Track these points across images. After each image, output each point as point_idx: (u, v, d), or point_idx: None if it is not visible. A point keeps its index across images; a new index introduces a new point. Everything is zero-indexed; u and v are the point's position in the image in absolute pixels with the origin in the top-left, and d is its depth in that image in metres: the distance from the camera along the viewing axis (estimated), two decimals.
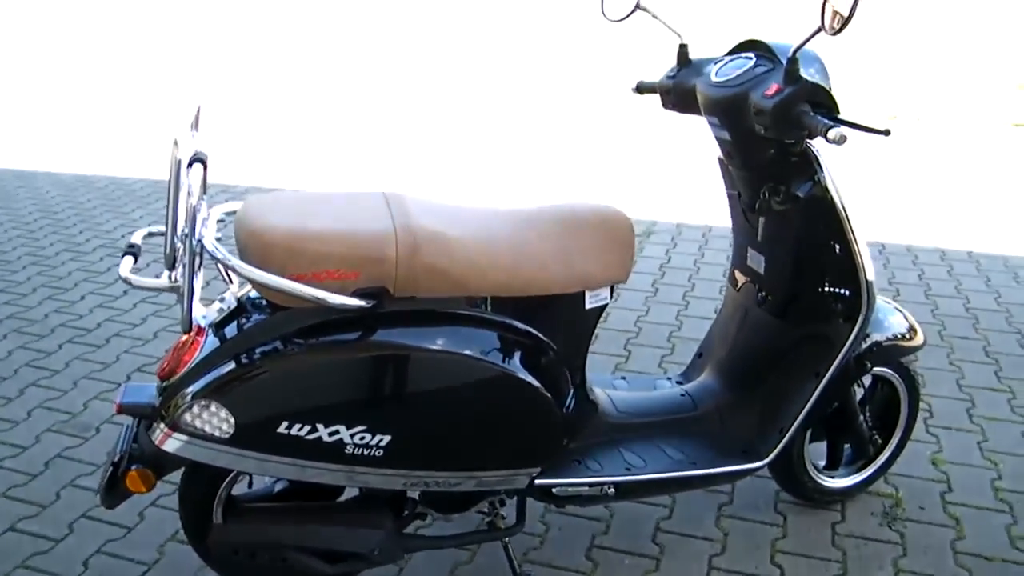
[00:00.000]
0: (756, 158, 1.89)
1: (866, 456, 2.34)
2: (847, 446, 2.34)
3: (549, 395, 1.73)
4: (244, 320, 1.67)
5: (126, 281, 1.55)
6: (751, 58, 1.87)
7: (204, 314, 1.74)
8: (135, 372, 3.14)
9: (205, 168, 1.56)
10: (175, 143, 1.43)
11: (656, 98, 2.16)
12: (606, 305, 1.84)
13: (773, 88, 1.71)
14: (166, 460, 1.70)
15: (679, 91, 2.04)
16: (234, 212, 1.75)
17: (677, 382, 2.30)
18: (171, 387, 1.66)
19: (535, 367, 1.73)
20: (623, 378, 2.29)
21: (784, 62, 1.74)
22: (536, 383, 1.71)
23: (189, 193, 1.47)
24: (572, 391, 1.88)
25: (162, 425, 1.65)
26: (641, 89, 2.20)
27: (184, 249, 1.50)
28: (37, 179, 5.80)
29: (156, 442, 1.66)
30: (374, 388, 1.63)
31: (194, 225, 1.49)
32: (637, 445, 2.01)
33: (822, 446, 2.33)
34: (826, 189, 1.84)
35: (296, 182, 5.65)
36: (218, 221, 1.72)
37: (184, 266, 1.51)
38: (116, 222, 4.87)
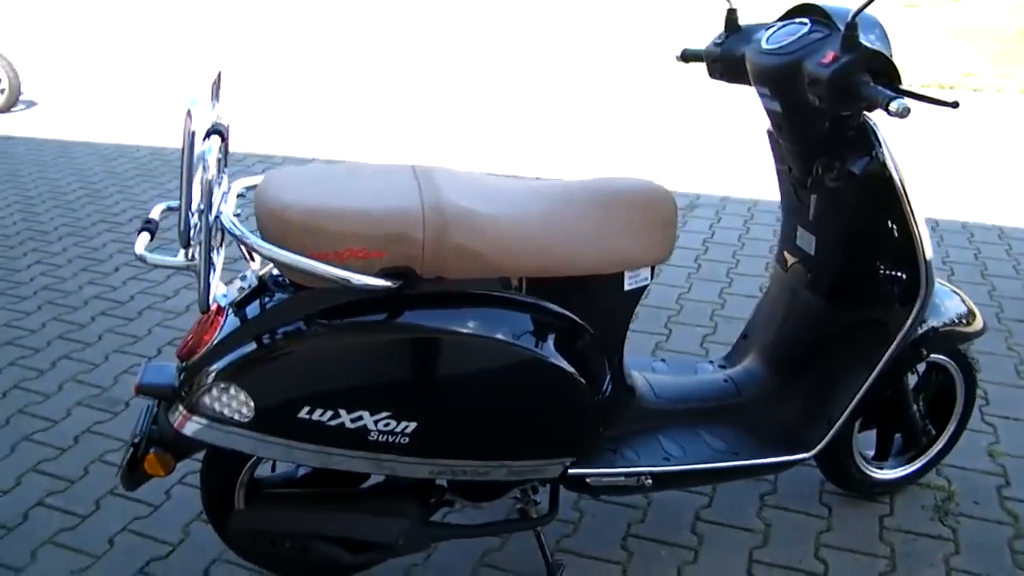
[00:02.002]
0: (809, 131, 1.77)
1: (918, 447, 2.22)
2: (898, 436, 2.22)
3: (584, 381, 1.64)
4: (266, 299, 1.60)
5: (140, 259, 1.49)
6: (805, 23, 1.74)
7: (225, 292, 1.67)
8: (166, 346, 3.11)
9: (224, 140, 1.49)
10: (188, 114, 1.35)
11: (702, 67, 2.04)
12: (646, 286, 1.74)
13: (829, 56, 1.58)
14: (185, 443, 1.64)
15: (727, 59, 1.92)
16: (254, 186, 1.67)
17: (720, 366, 2.19)
18: (190, 368, 1.60)
19: (570, 352, 1.64)
20: (663, 360, 2.19)
21: (841, 28, 1.62)
22: (570, 368, 1.62)
23: (205, 167, 1.39)
24: (609, 376, 1.79)
25: (181, 407, 1.60)
26: (686, 57, 2.07)
27: (201, 226, 1.42)
28: (77, 149, 5.80)
29: (175, 425, 1.60)
30: (399, 373, 1.55)
31: (210, 200, 1.42)
32: (676, 433, 1.91)
33: (871, 435, 2.21)
34: (884, 165, 1.71)
35: (330, 150, 5.59)
36: (238, 196, 1.64)
37: (200, 244, 1.43)
38: (153, 192, 4.85)
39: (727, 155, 5.28)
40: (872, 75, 1.56)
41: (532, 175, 5.02)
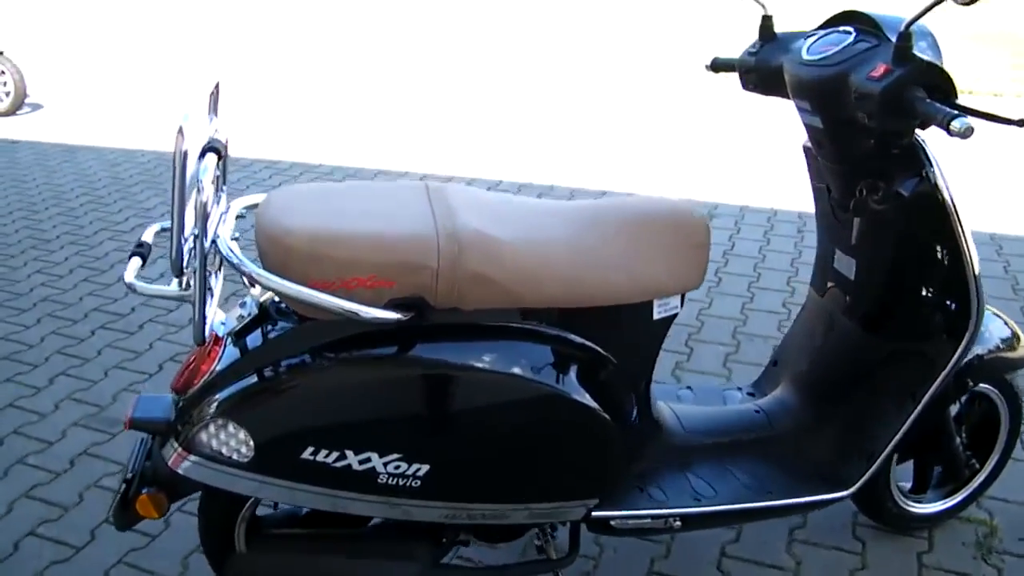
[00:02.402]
0: (852, 149, 1.64)
1: (959, 479, 2.09)
2: (937, 467, 2.10)
3: (609, 417, 1.52)
4: (267, 329, 1.48)
5: (130, 288, 1.37)
6: (850, 32, 1.61)
7: (223, 319, 1.56)
8: (167, 361, 3.00)
9: (221, 158, 1.37)
10: (180, 131, 1.23)
11: (715, 74, 1.92)
12: (676, 315, 1.62)
13: (880, 69, 1.46)
14: (181, 483, 1.52)
15: (762, 70, 1.80)
16: (255, 206, 1.56)
17: (748, 393, 2.07)
18: (186, 402, 1.49)
19: (594, 386, 1.52)
20: (688, 388, 2.07)
21: (892, 38, 1.49)
22: (595, 404, 1.50)
23: (200, 189, 1.28)
24: (635, 410, 1.67)
25: (176, 444, 1.48)
26: (717, 67, 1.95)
27: (196, 252, 1.31)
28: (81, 154, 5.71)
29: (169, 462, 1.49)
30: (410, 411, 1.43)
31: (206, 225, 1.30)
32: (706, 470, 1.79)
33: (907, 465, 2.08)
34: (936, 186, 1.58)
35: (336, 155, 5.48)
36: (237, 217, 1.53)
37: (196, 272, 1.32)
38: (156, 199, 4.75)
39: (744, 163, 5.15)
40: (926, 90, 1.44)
41: (546, 184, 4.90)
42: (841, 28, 1.65)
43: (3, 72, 6.76)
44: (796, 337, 2.04)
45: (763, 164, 5.09)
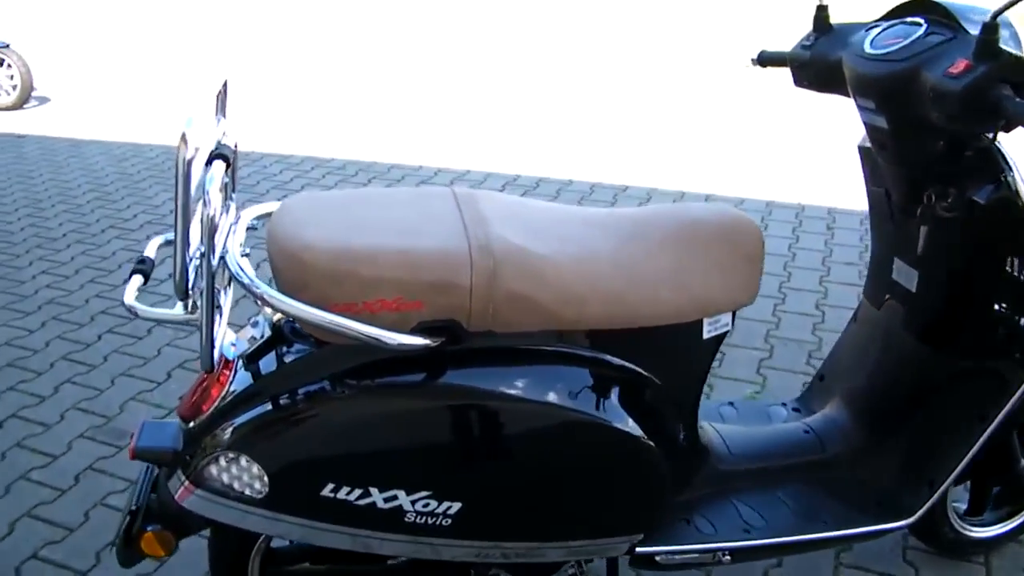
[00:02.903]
0: (920, 152, 1.50)
1: (1020, 500, 1.95)
2: (996, 488, 1.95)
3: (655, 445, 1.39)
4: (283, 352, 1.35)
5: (131, 311, 1.24)
6: (920, 24, 1.47)
7: (234, 340, 1.43)
8: (176, 369, 2.88)
9: (229, 166, 1.24)
10: (183, 139, 1.10)
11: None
12: (727, 333, 1.48)
13: (960, 65, 1.31)
14: (189, 518, 1.40)
15: (818, 65, 1.65)
16: (268, 216, 1.43)
17: (794, 409, 1.93)
18: (194, 431, 1.36)
19: (638, 412, 1.38)
20: (731, 404, 1.93)
21: (970, 30, 1.35)
22: (639, 432, 1.37)
23: (206, 200, 1.15)
24: (682, 436, 1.53)
25: (183, 477, 1.36)
26: (764, 61, 1.80)
27: (202, 271, 1.18)
28: (88, 148, 5.60)
29: (176, 496, 1.36)
30: (440, 445, 1.30)
31: (213, 240, 1.17)
32: (754, 498, 1.66)
33: (964, 486, 1.95)
34: (1017, 193, 1.44)
35: (349, 150, 5.34)
36: (248, 228, 1.40)
37: (202, 294, 1.19)
38: (165, 195, 4.63)
39: (770, 157, 5.00)
40: (1014, 88, 1.29)
41: (563, 178, 4.75)
42: (909, 19, 1.50)
43: (10, 66, 6.65)
44: (847, 351, 1.90)
45: (790, 158, 4.94)
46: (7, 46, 6.61)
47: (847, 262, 3.58)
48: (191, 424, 1.38)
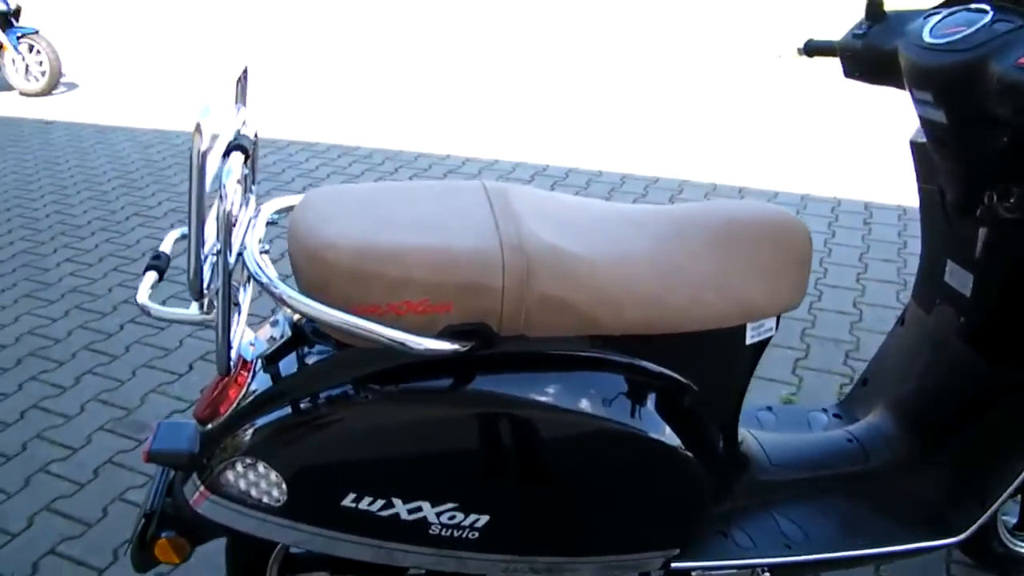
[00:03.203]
0: (981, 148, 1.40)
1: None
2: None
3: (693, 456, 1.31)
4: (302, 354, 1.29)
5: (143, 310, 1.18)
6: (986, 11, 1.37)
7: (253, 339, 1.37)
8: (198, 360, 2.83)
9: (248, 156, 1.17)
10: (197, 129, 1.03)
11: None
12: (771, 338, 1.40)
13: None
14: (204, 525, 1.34)
15: (871, 55, 1.56)
16: (290, 209, 1.36)
17: (835, 415, 1.84)
18: (210, 435, 1.30)
19: (676, 422, 1.31)
20: (769, 409, 1.85)
21: None
22: (676, 443, 1.29)
23: (223, 195, 1.08)
24: (721, 445, 1.46)
25: (199, 482, 1.30)
26: (811, 50, 1.71)
27: (219, 270, 1.12)
28: (115, 135, 5.58)
29: (191, 502, 1.31)
30: (468, 455, 1.23)
31: (230, 236, 1.11)
32: (795, 510, 1.57)
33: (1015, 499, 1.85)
34: None
35: (374, 137, 5.28)
36: (268, 223, 1.33)
37: (219, 293, 1.12)
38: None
39: (805, 149, 4.88)
40: None
41: (593, 169, 4.67)
42: (973, 6, 1.40)
43: (39, 52, 6.65)
44: (893, 355, 1.81)
45: (825, 150, 4.82)
46: (36, 32, 6.61)
47: (885, 259, 3.48)
48: (208, 426, 1.33)
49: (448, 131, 5.47)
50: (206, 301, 1.16)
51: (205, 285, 1.13)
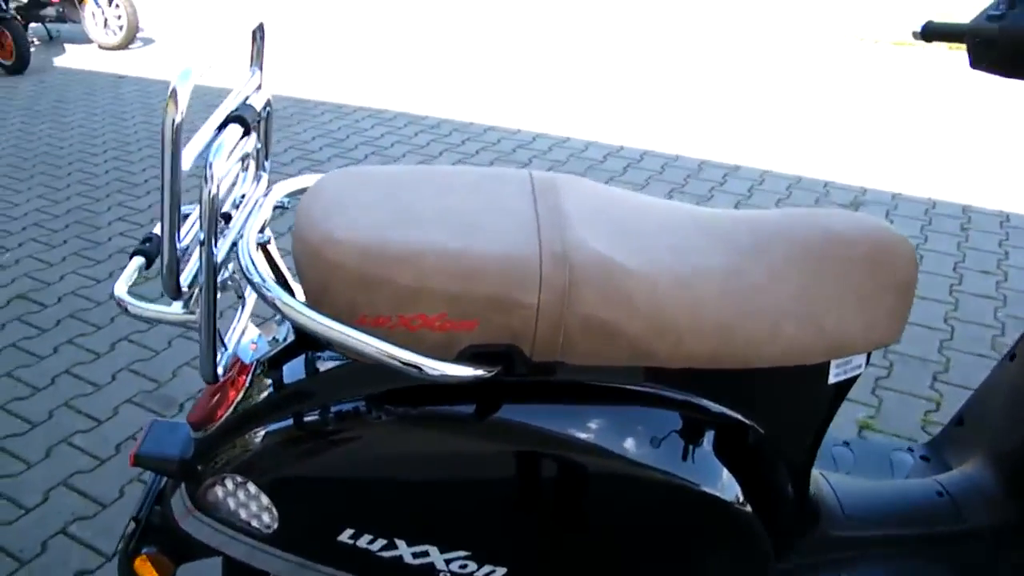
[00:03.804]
0: None
1: None
2: None
3: (754, 511, 1.10)
4: (303, 362, 1.12)
5: (120, 304, 1.02)
6: None
7: (255, 338, 1.20)
8: (231, 334, 2.70)
9: (248, 130, 1.00)
10: (172, 95, 0.86)
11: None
12: (858, 376, 1.18)
13: None
14: (191, 543, 1.19)
15: (1010, 41, 1.30)
16: (302, 193, 1.19)
17: (922, 457, 1.61)
18: (202, 443, 1.15)
19: (737, 472, 1.10)
20: (846, 444, 1.62)
21: None
22: (733, 498, 1.09)
23: (208, 176, 0.91)
24: (790, 496, 1.24)
25: (186, 495, 1.15)
26: (930, 34, 1.46)
27: (202, 265, 0.95)
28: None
29: (176, 516, 1.16)
30: (486, 497, 1.05)
31: (213, 225, 0.94)
32: (870, 573, 1.35)
33: None
34: None
35: (406, 102, 5.10)
36: (276, 208, 1.16)
37: (203, 291, 0.96)
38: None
39: (897, 143, 4.54)
40: None
41: (639, 148, 4.41)
42: None
43: (117, 5, 6.64)
44: (999, 396, 1.55)
45: (920, 145, 4.47)
46: None
47: (983, 270, 3.17)
48: (200, 432, 1.17)
49: (521, 105, 5.26)
50: (190, 298, 1.00)
51: (184, 281, 0.97)
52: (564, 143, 4.57)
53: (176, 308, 1.01)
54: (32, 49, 6.22)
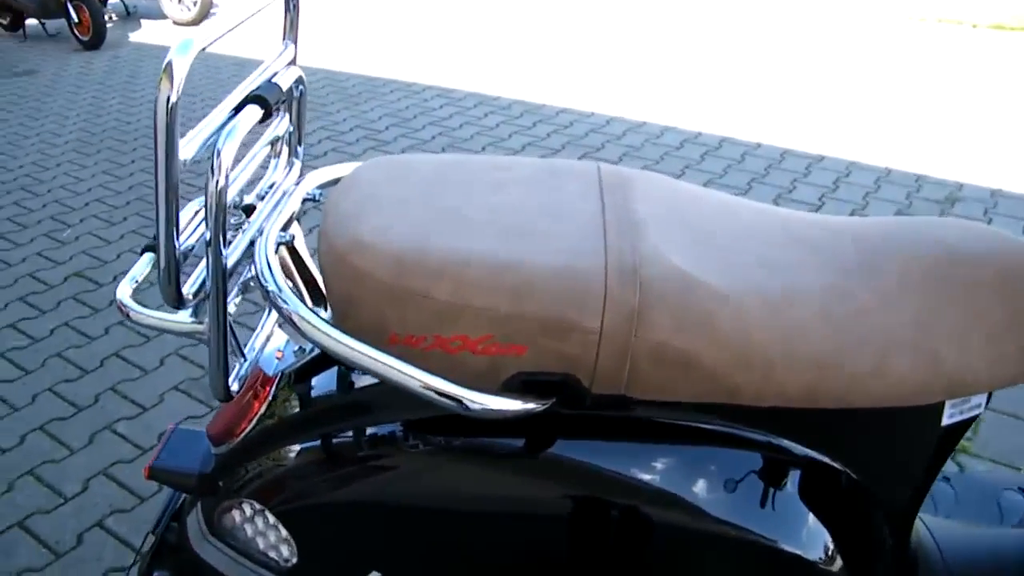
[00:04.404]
0: None
1: None
2: None
3: (843, 568, 0.94)
4: (331, 378, 0.99)
5: (122, 310, 0.90)
6: None
7: (282, 345, 1.08)
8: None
9: (270, 114, 0.87)
10: (166, 72, 0.73)
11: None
12: (976, 417, 1.00)
13: None
14: (204, 570, 1.07)
15: None
16: (336, 183, 1.05)
17: None
18: (221, 460, 1.03)
19: (827, 525, 0.94)
20: (946, 480, 1.43)
21: None
22: (818, 557, 0.92)
23: (213, 168, 0.78)
24: (887, 550, 1.07)
25: (202, 517, 1.03)
26: None
27: (208, 267, 0.82)
28: (251, 68, 5.45)
29: (191, 540, 1.04)
30: (534, 544, 0.90)
31: (223, 223, 0.81)
32: None
33: None
34: None
35: (474, 81, 4.94)
36: (305, 201, 1.02)
37: (213, 300, 0.83)
38: (318, 123, 4.40)
39: (999, 133, 4.22)
40: None
41: (751, 140, 4.18)
42: None
43: None
44: None
45: (1018, 134, 4.15)
46: None
47: None
48: (220, 448, 1.05)
49: (595, 87, 5.06)
50: (194, 307, 0.87)
51: (191, 288, 0.84)
52: (639, 128, 4.37)
53: (183, 317, 0.88)
54: (109, 25, 6.25)
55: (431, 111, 4.67)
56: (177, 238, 0.79)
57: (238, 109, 0.85)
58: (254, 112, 0.84)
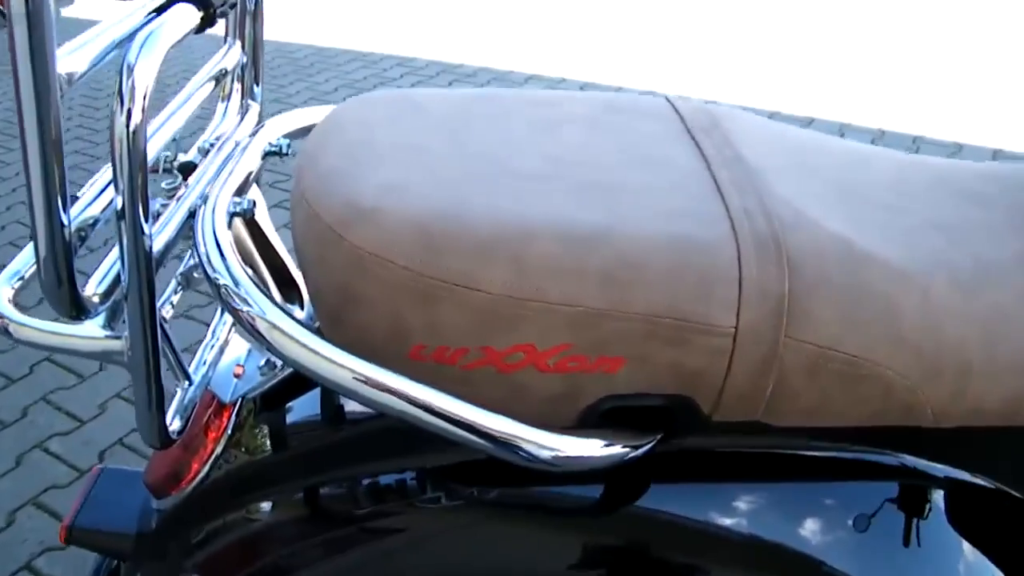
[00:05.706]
0: None
1: None
2: None
3: None
4: (317, 401, 0.71)
5: (2, 325, 0.60)
6: None
7: (240, 358, 0.79)
8: None
9: (212, 21, 0.58)
10: None
11: None
12: None
13: None
14: None
15: None
16: (308, 131, 0.76)
17: None
18: (167, 518, 0.75)
19: (982, 549, 0.69)
20: None
21: None
22: None
23: (121, 98, 0.48)
24: None
25: None
26: None
27: (122, 254, 0.53)
28: (269, 52, 5.09)
29: None
30: None
31: (139, 185, 0.51)
32: None
33: None
34: None
35: (484, 57, 4.65)
36: (267, 155, 0.73)
37: (127, 299, 0.54)
38: (336, 83, 4.07)
39: (998, 93, 4.03)
40: None
41: (804, 116, 3.94)
42: None
43: None
44: None
45: None
46: None
47: None
48: (158, 501, 0.77)
49: (565, 52, 4.79)
50: (109, 313, 0.59)
51: (97, 287, 0.56)
52: (617, 92, 4.10)
53: (91, 328, 0.59)
54: None
55: (391, 81, 4.36)
56: (65, 209, 0.50)
57: (162, 10, 0.55)
58: (187, 14, 0.55)
